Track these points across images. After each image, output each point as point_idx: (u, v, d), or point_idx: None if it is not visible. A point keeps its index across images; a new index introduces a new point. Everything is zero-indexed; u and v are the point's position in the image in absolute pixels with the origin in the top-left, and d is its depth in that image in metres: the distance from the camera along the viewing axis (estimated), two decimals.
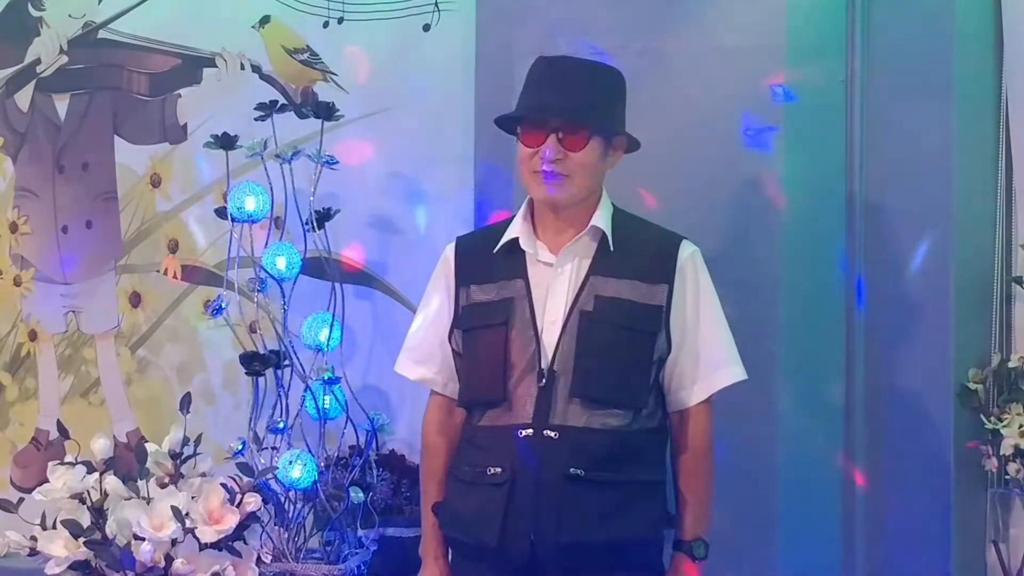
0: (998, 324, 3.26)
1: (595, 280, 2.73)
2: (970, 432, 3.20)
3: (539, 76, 2.78)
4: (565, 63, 2.82)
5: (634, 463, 2.71)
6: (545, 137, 2.70)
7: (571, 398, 2.68)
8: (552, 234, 2.79)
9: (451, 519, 2.81)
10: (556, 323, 2.72)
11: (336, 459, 3.50)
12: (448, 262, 2.88)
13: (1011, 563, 3.22)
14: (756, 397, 3.27)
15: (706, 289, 2.81)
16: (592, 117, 2.73)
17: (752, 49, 3.28)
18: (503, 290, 2.77)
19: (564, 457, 2.65)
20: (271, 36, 3.91)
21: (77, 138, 4.17)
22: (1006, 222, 3.29)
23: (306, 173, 3.50)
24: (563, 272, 2.75)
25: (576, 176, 2.72)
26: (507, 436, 2.69)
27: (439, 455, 2.88)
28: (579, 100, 2.71)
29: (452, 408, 2.89)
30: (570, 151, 2.70)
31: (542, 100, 2.73)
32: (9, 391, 4.29)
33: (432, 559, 2.87)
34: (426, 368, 2.90)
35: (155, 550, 2.91)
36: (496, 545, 2.67)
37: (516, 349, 2.71)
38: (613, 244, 2.76)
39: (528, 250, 2.78)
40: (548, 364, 2.70)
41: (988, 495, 3.25)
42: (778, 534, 3.27)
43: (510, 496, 2.66)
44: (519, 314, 2.73)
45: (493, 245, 2.81)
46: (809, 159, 3.30)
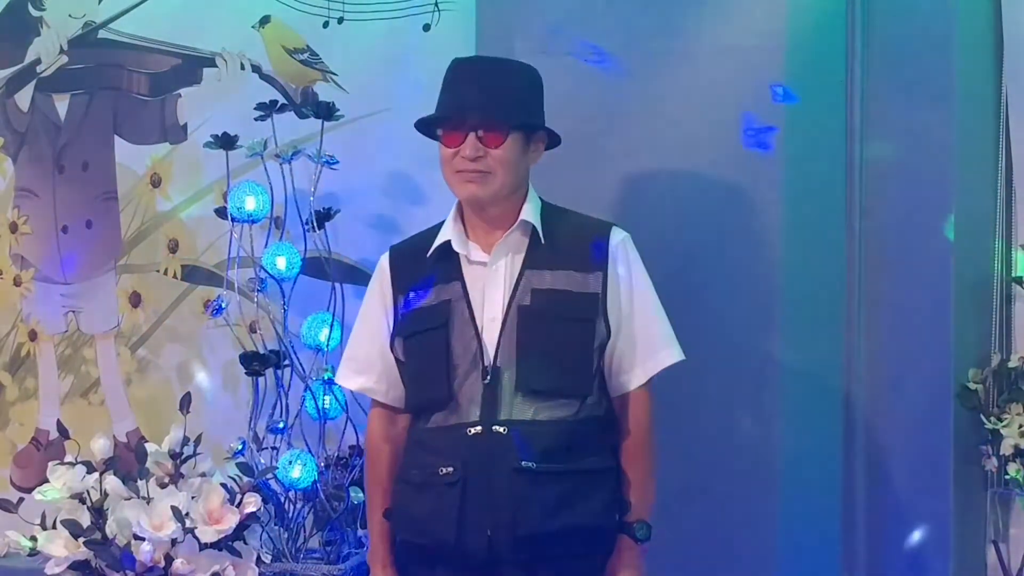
0: (998, 324, 3.26)
1: (530, 274, 2.76)
2: (970, 432, 3.20)
3: (454, 77, 2.81)
4: (478, 63, 2.89)
5: (583, 451, 2.74)
6: (464, 136, 2.73)
7: (516, 392, 2.71)
8: (483, 233, 2.81)
9: (404, 522, 2.82)
10: (495, 320, 2.75)
11: (336, 459, 3.50)
12: (383, 271, 2.91)
13: (1011, 563, 3.22)
14: (756, 397, 3.27)
15: (639, 273, 2.83)
16: (508, 113, 2.75)
17: (752, 49, 3.28)
18: (440, 293, 2.79)
19: (514, 451, 2.68)
20: (271, 36, 3.91)
21: (77, 138, 4.17)
22: (1006, 222, 3.28)
23: (306, 173, 3.50)
24: (497, 269, 2.78)
25: (497, 172, 2.74)
26: (456, 435, 2.72)
27: (384, 462, 2.89)
28: (495, 97, 2.75)
29: (394, 416, 2.90)
30: (489, 148, 2.73)
31: (458, 100, 2.76)
32: (9, 391, 4.29)
33: (380, 567, 2.88)
34: (366, 378, 2.92)
35: (155, 550, 2.91)
36: (454, 543, 2.69)
37: (458, 349, 2.74)
38: (544, 236, 2.78)
39: (461, 251, 2.80)
40: (491, 361, 2.73)
41: (988, 495, 3.25)
42: (778, 534, 3.27)
43: (464, 493, 2.68)
44: (458, 315, 2.76)
45: (426, 249, 2.83)
46: (809, 159, 3.30)
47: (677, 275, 3.13)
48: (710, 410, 3.25)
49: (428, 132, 2.88)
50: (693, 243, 3.28)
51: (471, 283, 2.78)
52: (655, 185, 3.33)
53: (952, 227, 3.19)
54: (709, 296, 3.26)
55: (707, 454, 3.23)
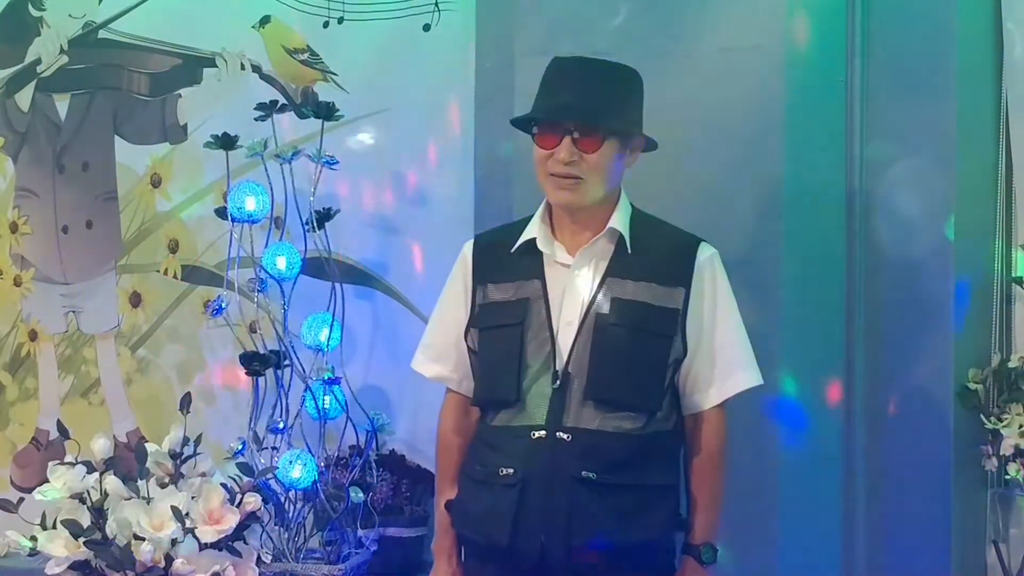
0: (998, 324, 3.26)
1: (612, 282, 2.72)
2: (970, 432, 3.20)
3: (553, 77, 2.76)
4: (579, 63, 2.79)
5: (646, 467, 2.69)
6: (560, 139, 2.68)
7: (585, 400, 2.67)
8: (569, 235, 2.77)
9: (463, 517, 2.80)
10: (572, 324, 2.71)
11: (336, 459, 3.50)
12: (466, 260, 2.87)
13: (1011, 563, 3.21)
14: (756, 397, 3.27)
15: (723, 292, 2.79)
16: (606, 118, 2.71)
17: (752, 49, 3.28)
18: (520, 290, 2.75)
19: (576, 460, 2.64)
20: (271, 36, 3.91)
21: (77, 138, 4.17)
22: (1006, 222, 3.28)
23: (306, 173, 3.50)
24: (580, 274, 2.74)
25: (591, 178, 2.70)
26: (520, 437, 2.69)
27: (454, 453, 2.87)
28: (593, 101, 2.70)
29: (468, 406, 2.87)
30: (585, 152, 2.68)
31: (556, 101, 2.71)
32: (9, 391, 4.29)
33: (445, 557, 2.86)
34: (442, 366, 2.89)
35: (155, 550, 2.91)
36: (507, 545, 2.67)
37: (531, 350, 2.70)
38: (631, 246, 2.75)
39: (545, 251, 2.77)
40: (563, 366, 2.69)
41: (988, 495, 3.25)
42: (778, 534, 3.26)
43: (521, 497, 2.65)
44: (535, 315, 2.72)
45: (511, 244, 2.80)
46: (809, 159, 3.30)
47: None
48: None
49: (525, 129, 2.81)
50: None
51: (551, 284, 2.74)
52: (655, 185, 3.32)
53: (952, 227, 3.19)
54: None
55: None
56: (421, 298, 3.66)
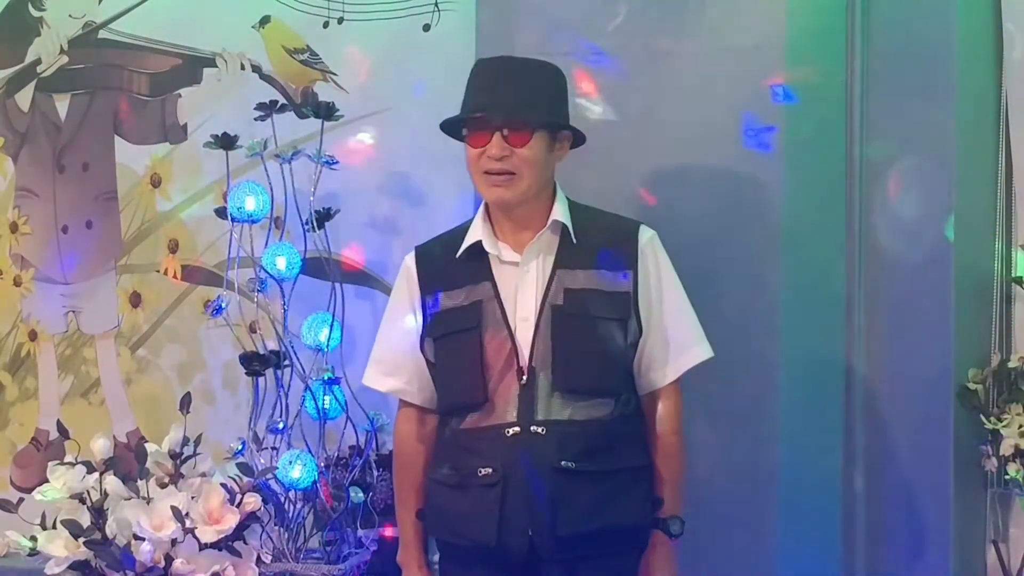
0: (998, 324, 3.26)
1: (561, 273, 2.76)
2: (970, 432, 3.20)
3: (478, 78, 2.82)
4: (502, 62, 2.87)
5: (620, 450, 2.75)
6: (490, 136, 2.74)
7: (553, 392, 2.72)
8: (511, 233, 2.81)
9: (442, 523, 2.82)
10: (528, 320, 2.75)
11: (336, 459, 3.50)
12: (410, 271, 2.90)
13: (1011, 563, 3.21)
14: (756, 397, 3.27)
15: (667, 271, 2.85)
16: (532, 112, 2.76)
17: (752, 49, 3.28)
18: (471, 294, 2.79)
19: (553, 451, 2.69)
20: (271, 36, 3.91)
21: (77, 138, 4.17)
22: (1006, 222, 3.28)
23: (306, 173, 3.50)
24: (529, 269, 2.78)
25: (523, 172, 2.75)
26: (493, 436, 2.72)
27: (417, 463, 2.89)
28: (519, 97, 2.75)
29: (423, 416, 2.90)
30: (515, 147, 2.73)
31: (483, 100, 2.76)
32: (9, 391, 4.29)
33: (416, 567, 2.89)
34: (396, 379, 2.92)
35: (155, 550, 2.91)
36: (495, 544, 2.69)
37: (492, 350, 2.74)
38: (575, 236, 2.79)
39: (491, 251, 2.80)
40: (526, 361, 2.73)
41: (988, 495, 3.25)
42: (778, 534, 3.27)
43: (504, 495, 2.69)
44: (490, 316, 2.76)
45: (454, 250, 2.83)
46: (809, 159, 3.30)
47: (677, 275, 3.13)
48: (710, 410, 3.25)
49: (453, 133, 2.87)
50: (693, 243, 3.27)
51: (502, 283, 2.78)
52: (655, 185, 3.33)
53: (952, 227, 3.19)
54: (709, 296, 3.25)
55: (707, 454, 3.22)
56: None
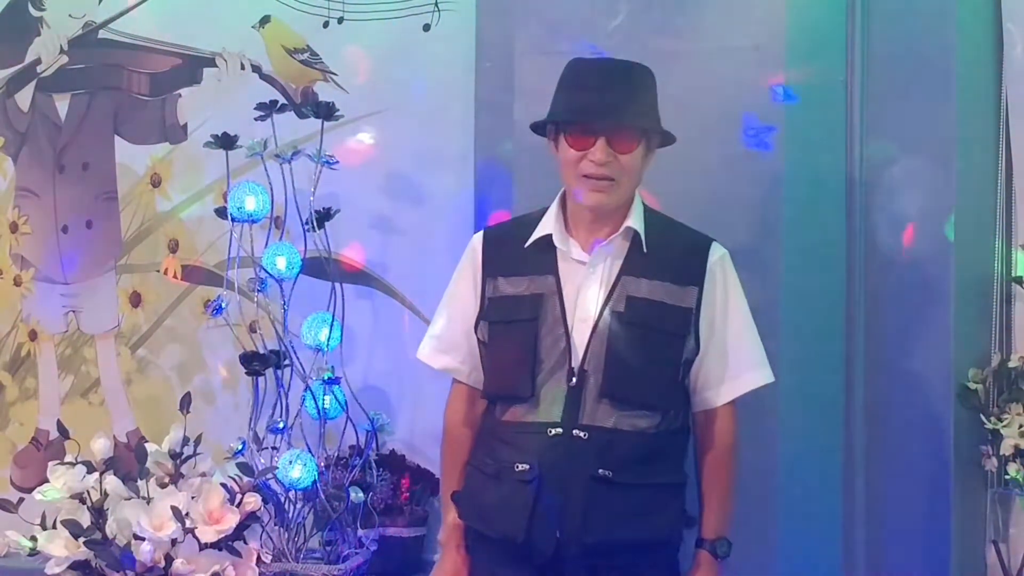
0: (998, 324, 3.26)
1: (627, 280, 2.74)
2: (970, 432, 3.20)
3: (581, 78, 2.76)
4: (602, 64, 2.82)
5: (659, 465, 2.73)
6: (593, 140, 2.69)
7: (600, 398, 2.69)
8: (585, 232, 2.79)
9: (474, 511, 2.82)
10: (587, 322, 2.72)
11: (336, 459, 3.50)
12: (475, 252, 2.88)
13: (1011, 563, 3.21)
14: (756, 397, 3.27)
15: (735, 291, 2.83)
16: (639, 118, 2.74)
17: (752, 49, 3.27)
18: (533, 285, 2.76)
19: (592, 458, 2.67)
20: (271, 36, 3.91)
21: (77, 138, 4.17)
22: (1006, 222, 3.28)
23: (306, 173, 3.50)
24: (595, 271, 2.76)
25: (624, 179, 2.73)
26: (535, 433, 2.70)
27: (464, 445, 2.88)
28: (627, 102, 2.72)
29: (475, 398, 2.89)
30: (620, 154, 2.71)
31: (589, 102, 2.71)
32: (9, 391, 4.29)
33: (454, 548, 2.87)
34: (450, 357, 2.91)
35: (155, 550, 2.91)
36: (522, 539, 2.68)
37: (546, 346, 2.72)
38: (646, 245, 2.76)
39: (561, 247, 2.78)
40: (579, 363, 2.71)
41: (988, 495, 3.25)
42: (778, 534, 3.26)
43: (537, 493, 2.67)
44: (549, 311, 2.73)
45: (522, 238, 2.80)
46: (809, 159, 3.30)
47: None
48: None
49: (539, 131, 2.83)
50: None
51: (565, 280, 2.76)
52: (655, 185, 3.32)
53: (952, 227, 3.19)
54: None
55: None
56: (421, 298, 3.66)
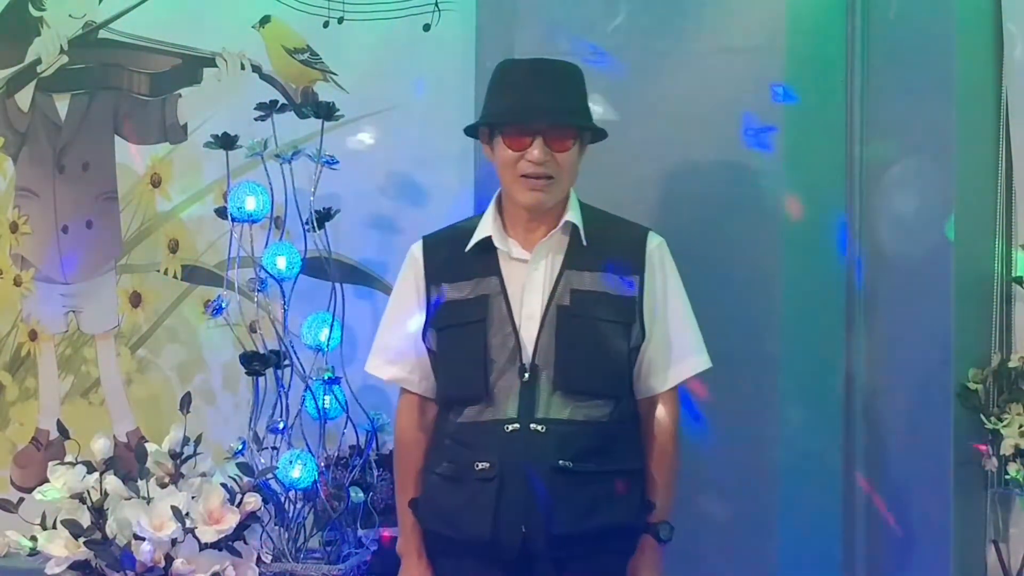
0: (998, 324, 3.26)
1: (569, 274, 2.78)
2: (970, 432, 3.20)
3: (513, 79, 2.80)
4: (536, 64, 2.85)
5: (617, 452, 2.77)
6: (530, 140, 2.73)
7: (554, 391, 2.73)
8: (523, 231, 2.82)
9: (437, 515, 2.83)
10: (534, 318, 2.76)
11: (336, 459, 3.50)
12: (416, 261, 2.90)
13: (1011, 563, 3.21)
14: (756, 397, 3.27)
15: (673, 279, 2.87)
16: (575, 118, 2.78)
17: (752, 49, 3.28)
18: (478, 287, 2.80)
19: (552, 450, 2.70)
20: (271, 36, 3.91)
21: (77, 138, 4.17)
22: (1006, 222, 3.28)
23: (306, 173, 3.50)
24: (538, 268, 2.79)
25: (561, 177, 2.77)
26: (492, 431, 2.73)
27: (418, 452, 2.90)
28: (561, 101, 2.76)
29: (425, 405, 2.91)
30: (557, 152, 2.74)
31: (526, 103, 2.75)
32: (9, 391, 4.29)
33: (416, 556, 2.89)
34: (399, 368, 2.92)
35: (155, 550, 2.91)
36: (488, 538, 2.70)
37: (495, 345, 2.75)
38: (585, 238, 2.80)
39: (501, 248, 2.81)
40: (530, 359, 2.74)
41: (988, 495, 3.25)
42: (778, 534, 3.27)
43: (500, 490, 2.70)
44: (496, 311, 2.77)
45: (462, 243, 2.84)
46: (809, 159, 3.30)
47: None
48: (710, 410, 3.25)
49: (470, 131, 2.88)
50: (693, 243, 3.27)
51: (509, 280, 2.79)
52: (655, 185, 3.33)
53: (952, 227, 3.19)
54: (709, 296, 3.25)
55: (707, 454, 3.23)
56: None
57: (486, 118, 2.82)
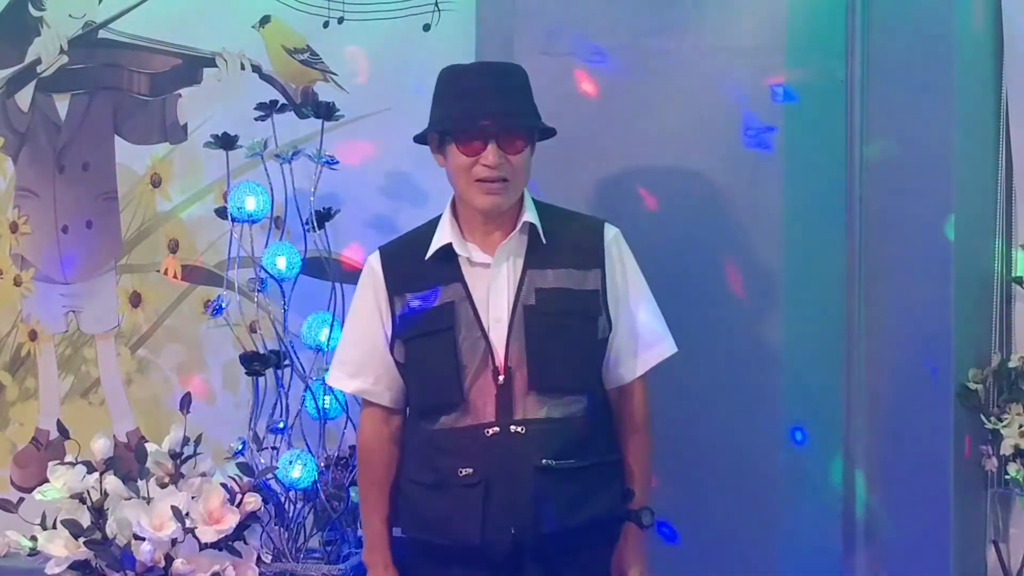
0: (998, 324, 3.26)
1: (532, 273, 2.78)
2: (970, 432, 3.20)
3: (461, 84, 2.80)
4: (481, 68, 2.89)
5: (595, 445, 2.78)
6: (484, 145, 2.74)
7: (529, 391, 2.74)
8: (481, 235, 2.83)
9: (420, 523, 2.83)
10: (501, 321, 2.76)
11: (336, 459, 3.50)
12: (375, 272, 2.90)
13: (1011, 563, 3.22)
14: (756, 397, 3.27)
15: (632, 268, 2.88)
16: (526, 119, 2.79)
17: (752, 49, 3.28)
18: (442, 295, 2.80)
19: (533, 450, 2.71)
20: (271, 36, 3.91)
21: (77, 138, 4.17)
22: (1006, 222, 3.29)
23: (306, 173, 3.50)
24: (501, 271, 2.80)
25: (515, 179, 2.77)
26: (472, 436, 2.74)
27: (383, 464, 2.90)
28: (512, 104, 2.77)
29: (388, 416, 2.91)
30: (510, 155, 2.75)
31: (477, 108, 2.74)
32: (9, 391, 4.29)
33: (383, 567, 2.90)
34: (362, 380, 2.92)
35: (155, 550, 2.91)
36: (479, 543, 2.71)
37: (465, 351, 2.75)
38: (543, 236, 2.81)
39: (462, 253, 2.81)
40: (502, 362, 2.75)
41: (988, 495, 3.25)
42: (778, 534, 3.27)
43: (486, 494, 2.71)
44: (463, 316, 2.77)
45: (420, 251, 2.84)
46: (809, 159, 3.30)
47: (677, 275, 3.14)
48: (710, 410, 3.25)
49: (420, 139, 2.89)
50: (693, 243, 3.28)
51: (473, 284, 2.79)
52: (655, 185, 3.33)
53: (952, 227, 3.19)
54: (709, 296, 3.26)
55: (707, 454, 3.23)
56: None
57: (437, 125, 2.82)
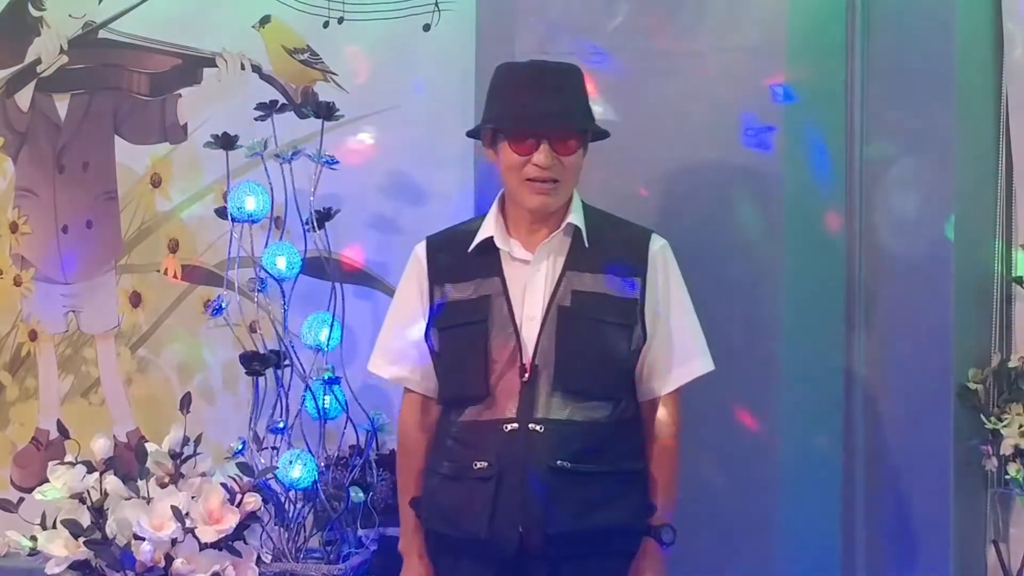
0: (998, 324, 3.26)
1: (571, 275, 2.78)
2: (970, 432, 3.20)
3: (517, 83, 2.80)
4: (539, 67, 2.85)
5: (616, 454, 2.77)
6: (536, 144, 2.74)
7: (553, 392, 2.74)
8: (525, 232, 2.83)
9: (435, 514, 2.84)
10: (535, 319, 2.76)
11: (336, 459, 3.50)
12: (420, 261, 2.91)
13: (1011, 563, 3.22)
14: (756, 397, 3.27)
15: (676, 281, 2.87)
16: (580, 120, 2.80)
17: (752, 49, 3.28)
18: (480, 288, 2.81)
19: (550, 450, 2.71)
20: (271, 36, 3.91)
21: (77, 138, 4.17)
22: (1006, 222, 3.29)
23: (306, 173, 3.50)
24: (540, 269, 2.80)
25: (566, 180, 2.78)
26: (491, 431, 2.74)
27: (420, 452, 2.91)
28: (568, 106, 2.78)
29: (428, 405, 2.92)
30: (562, 156, 2.75)
31: (532, 108, 2.75)
32: (9, 391, 4.29)
33: (416, 556, 2.90)
34: (400, 367, 2.93)
35: (155, 550, 2.91)
36: (485, 537, 2.71)
37: (496, 345, 2.76)
38: (587, 239, 2.81)
39: (503, 248, 2.82)
40: (530, 359, 2.75)
41: (988, 495, 3.25)
42: (778, 534, 3.27)
43: (497, 489, 2.71)
44: (497, 311, 2.78)
45: (465, 244, 2.85)
46: (809, 159, 3.30)
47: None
48: (710, 410, 3.25)
49: (474, 134, 2.89)
50: (693, 243, 3.27)
51: (511, 280, 2.80)
52: (655, 185, 3.33)
53: (952, 227, 3.19)
54: (709, 296, 3.25)
55: (707, 454, 3.23)
56: None
57: (490, 121, 2.82)
